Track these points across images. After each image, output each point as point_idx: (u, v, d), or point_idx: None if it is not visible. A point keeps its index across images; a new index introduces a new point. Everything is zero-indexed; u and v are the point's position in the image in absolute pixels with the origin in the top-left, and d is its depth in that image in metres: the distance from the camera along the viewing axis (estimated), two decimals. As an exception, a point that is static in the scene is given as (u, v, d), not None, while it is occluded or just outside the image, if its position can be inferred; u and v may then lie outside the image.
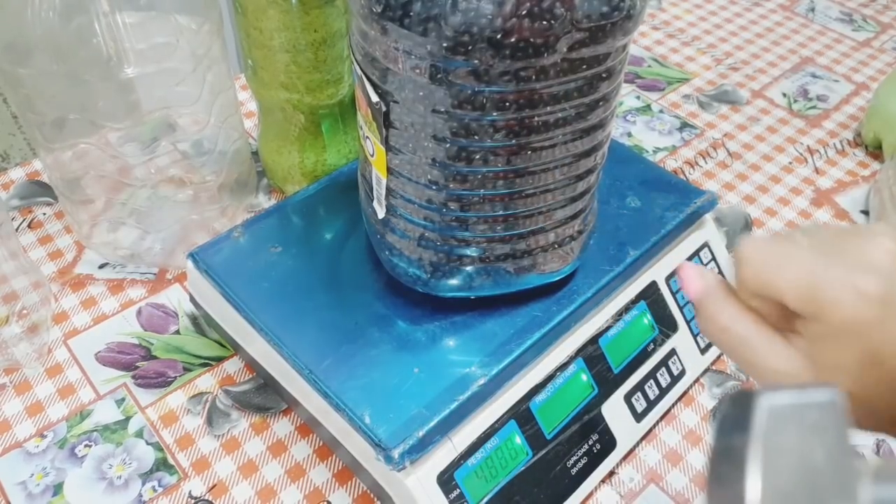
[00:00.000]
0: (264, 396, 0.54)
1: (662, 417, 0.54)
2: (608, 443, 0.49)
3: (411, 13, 0.34)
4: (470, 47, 0.34)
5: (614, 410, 0.50)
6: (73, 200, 0.60)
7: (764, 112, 0.82)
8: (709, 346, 0.56)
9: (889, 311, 0.30)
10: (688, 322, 0.55)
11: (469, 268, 0.45)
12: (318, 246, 0.52)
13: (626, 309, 0.52)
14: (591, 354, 0.49)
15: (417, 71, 0.36)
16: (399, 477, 0.42)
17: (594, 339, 0.50)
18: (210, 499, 0.49)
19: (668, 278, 0.54)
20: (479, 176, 0.40)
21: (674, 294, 0.54)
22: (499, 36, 0.34)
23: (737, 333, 0.33)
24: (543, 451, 0.46)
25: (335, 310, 0.48)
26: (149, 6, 0.53)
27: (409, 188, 0.42)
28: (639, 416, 0.51)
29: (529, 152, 0.39)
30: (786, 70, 0.88)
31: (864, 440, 0.54)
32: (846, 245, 0.32)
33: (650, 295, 0.53)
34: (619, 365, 0.51)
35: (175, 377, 0.55)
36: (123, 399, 0.53)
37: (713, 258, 0.57)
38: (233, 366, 0.56)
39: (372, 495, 0.49)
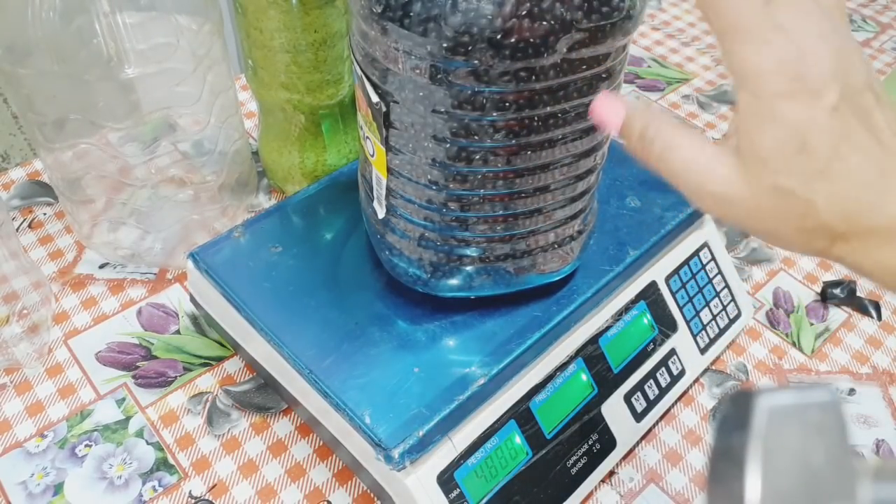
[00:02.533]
0: (264, 396, 0.54)
1: (662, 417, 0.54)
2: (608, 442, 0.49)
3: (411, 13, 0.34)
4: (470, 48, 0.34)
5: (614, 410, 0.50)
6: (73, 200, 0.60)
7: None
8: (709, 346, 0.56)
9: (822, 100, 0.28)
10: (687, 322, 0.55)
11: (469, 268, 0.45)
12: (319, 246, 0.52)
13: (626, 309, 0.52)
14: (590, 354, 0.49)
15: (417, 71, 0.36)
16: (399, 477, 0.42)
17: (594, 339, 0.50)
18: (210, 499, 0.49)
19: (668, 278, 0.54)
20: (479, 176, 0.40)
21: (673, 294, 0.54)
22: (499, 36, 0.34)
23: (664, 140, 0.31)
24: (543, 451, 0.46)
25: (335, 309, 0.48)
26: (149, 6, 0.53)
27: (409, 188, 0.42)
28: (638, 416, 0.51)
29: (529, 152, 0.39)
30: (786, 70, 0.88)
31: (864, 440, 0.54)
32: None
33: (650, 295, 0.53)
34: (618, 365, 0.51)
35: (175, 377, 0.55)
36: (124, 399, 0.53)
37: (713, 258, 0.57)
38: (233, 366, 0.56)
39: (372, 495, 0.49)
